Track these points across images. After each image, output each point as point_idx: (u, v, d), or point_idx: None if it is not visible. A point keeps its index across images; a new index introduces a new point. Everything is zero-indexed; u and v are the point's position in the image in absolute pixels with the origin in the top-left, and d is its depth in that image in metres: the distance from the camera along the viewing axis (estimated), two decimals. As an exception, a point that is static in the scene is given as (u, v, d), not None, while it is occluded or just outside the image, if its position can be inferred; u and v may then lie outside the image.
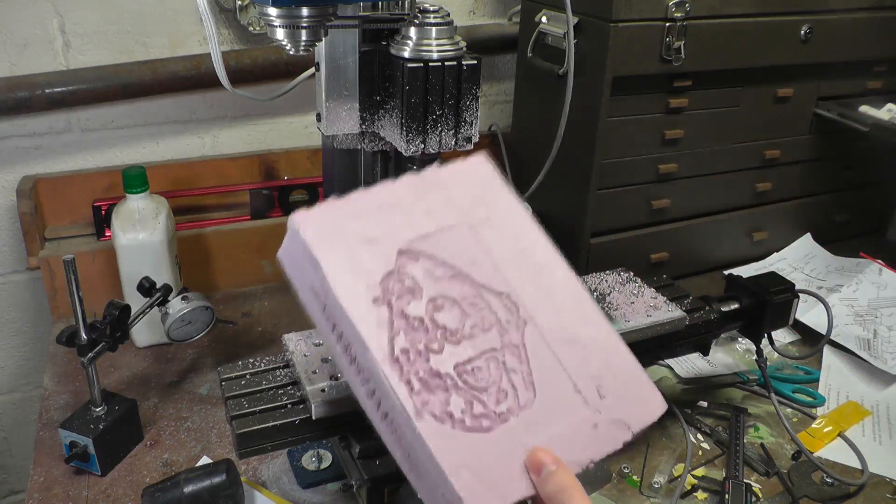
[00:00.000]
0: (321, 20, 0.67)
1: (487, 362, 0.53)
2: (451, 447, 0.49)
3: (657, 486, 0.85)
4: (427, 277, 0.54)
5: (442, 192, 0.58)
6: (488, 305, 0.54)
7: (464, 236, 0.56)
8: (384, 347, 0.50)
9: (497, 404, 0.52)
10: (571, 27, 1.01)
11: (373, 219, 0.55)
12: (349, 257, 0.52)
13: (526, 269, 0.57)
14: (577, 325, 0.56)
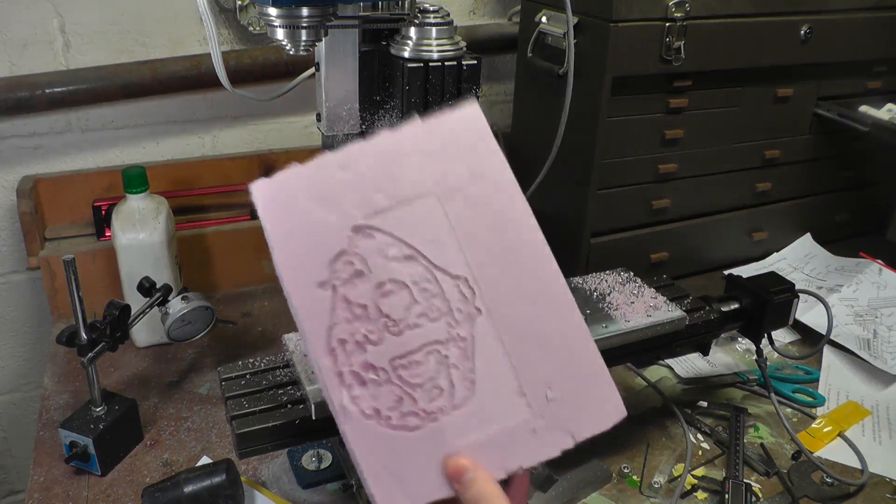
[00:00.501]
0: (321, 20, 0.67)
1: (427, 356, 0.50)
2: (374, 446, 0.48)
3: (657, 486, 0.85)
4: (379, 258, 0.50)
5: (417, 156, 0.53)
6: (441, 291, 0.51)
7: (428, 210, 0.52)
8: (322, 337, 0.49)
9: (429, 402, 0.50)
10: (571, 27, 1.01)
11: (332, 190, 0.51)
12: (300, 234, 0.50)
13: (494, 249, 0.52)
14: (540, 318, 0.52)
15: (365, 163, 0.51)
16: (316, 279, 0.49)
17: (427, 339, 0.50)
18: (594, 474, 0.86)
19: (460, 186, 0.52)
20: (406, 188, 0.52)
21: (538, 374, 0.51)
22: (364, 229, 0.51)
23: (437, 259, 0.51)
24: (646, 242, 1.26)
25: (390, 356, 0.50)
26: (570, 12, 0.98)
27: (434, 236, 0.51)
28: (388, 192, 0.51)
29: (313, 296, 0.49)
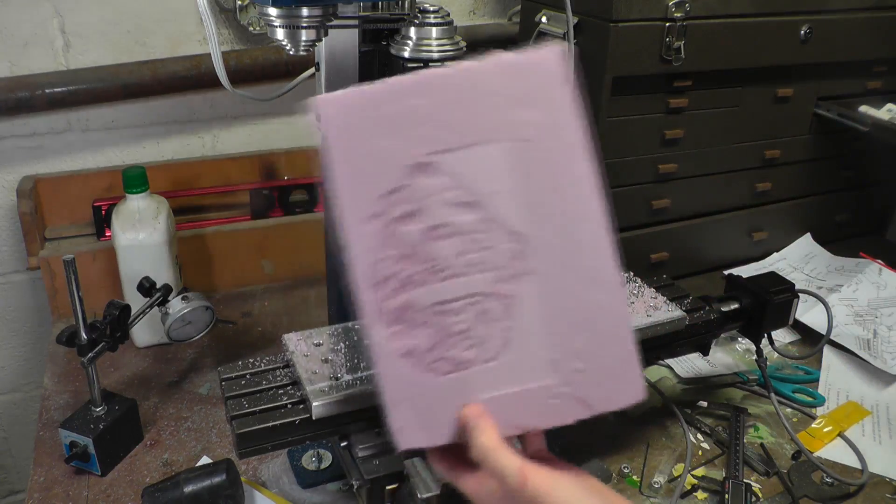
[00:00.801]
0: (321, 20, 0.67)
1: (468, 306, 0.50)
2: (401, 381, 0.49)
3: (657, 485, 0.85)
4: (436, 199, 0.49)
5: (493, 98, 0.49)
6: (494, 244, 0.50)
7: (495, 158, 0.49)
8: (367, 269, 0.48)
9: (462, 351, 0.50)
10: (571, 27, 1.01)
11: (401, 118, 0.48)
12: (361, 160, 0.48)
13: (555, 210, 0.50)
14: (586, 290, 0.51)
15: (440, 94, 0.49)
16: (369, 210, 0.48)
17: (471, 290, 0.50)
18: (594, 474, 0.86)
19: (532, 138, 0.49)
20: (477, 130, 0.49)
21: (572, 344, 0.51)
22: (426, 167, 0.49)
23: (495, 211, 0.49)
24: (646, 242, 1.26)
25: (432, 300, 0.49)
26: (570, 12, 0.98)
27: (497, 187, 0.49)
28: (458, 131, 0.49)
29: (365, 227, 0.48)
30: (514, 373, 0.50)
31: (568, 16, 0.99)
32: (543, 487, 0.47)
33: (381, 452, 0.69)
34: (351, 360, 0.73)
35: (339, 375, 0.71)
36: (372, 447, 0.69)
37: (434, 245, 0.49)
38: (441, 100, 0.49)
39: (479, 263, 0.49)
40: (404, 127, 0.48)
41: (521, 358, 0.50)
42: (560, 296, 0.50)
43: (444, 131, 0.49)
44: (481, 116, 0.49)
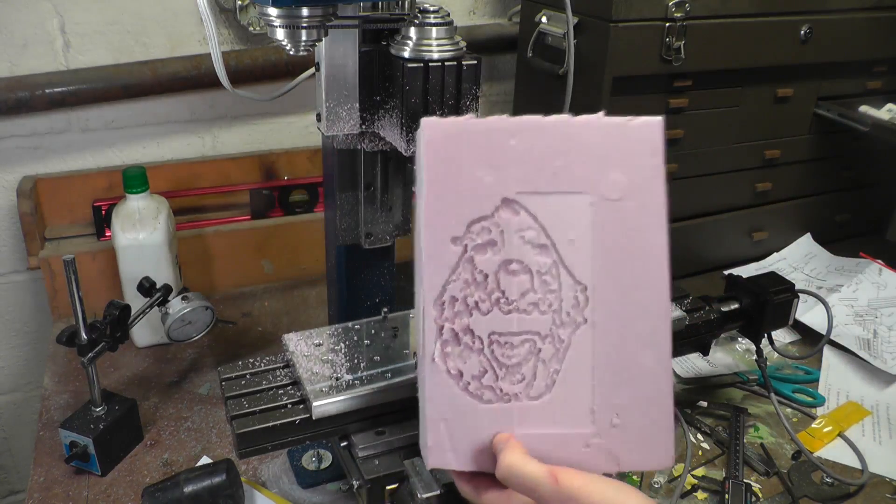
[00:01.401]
0: (321, 20, 0.67)
1: (523, 343, 0.52)
2: (444, 401, 0.51)
3: (657, 486, 0.85)
4: (515, 236, 0.52)
5: (587, 153, 0.52)
6: (559, 289, 0.52)
7: (578, 209, 0.52)
8: (437, 287, 0.51)
9: (509, 384, 0.52)
10: (571, 27, 1.01)
11: (499, 155, 0.51)
12: (454, 185, 0.51)
13: (622, 270, 0.52)
14: (636, 350, 0.53)
15: (538, 140, 0.52)
16: (452, 233, 0.51)
17: (529, 328, 0.52)
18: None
19: (615, 197, 0.52)
20: (566, 180, 0.52)
21: (613, 398, 0.52)
22: (513, 204, 0.51)
23: (568, 258, 0.52)
24: (646, 242, 1.26)
25: (491, 330, 0.51)
26: (570, 12, 0.98)
27: (573, 236, 0.52)
28: (548, 178, 0.52)
29: (444, 247, 0.51)
30: (554, 415, 0.52)
31: (568, 16, 0.99)
32: (577, 483, 0.47)
33: (381, 452, 0.69)
34: (351, 360, 0.73)
35: (339, 375, 0.71)
36: (372, 447, 0.69)
37: (505, 278, 0.52)
38: (539, 145, 0.51)
39: (543, 305, 0.52)
40: (499, 163, 0.51)
41: (563, 402, 0.52)
42: (611, 351, 0.52)
43: (535, 174, 0.51)
44: (574, 168, 0.52)
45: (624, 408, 0.53)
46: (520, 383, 0.52)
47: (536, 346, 0.52)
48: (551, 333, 0.52)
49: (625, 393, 0.53)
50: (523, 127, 0.52)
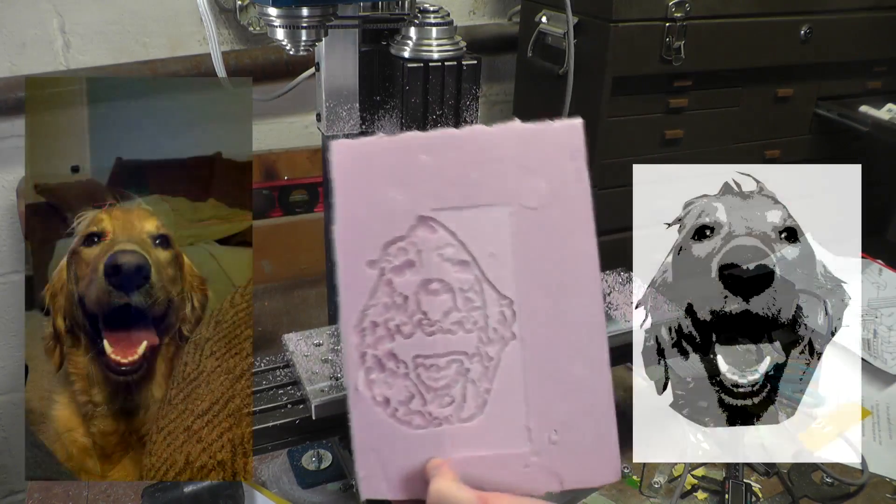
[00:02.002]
0: (321, 20, 0.67)
1: (450, 364, 0.50)
2: (373, 429, 0.49)
3: (657, 486, 0.85)
4: (434, 254, 0.50)
5: (503, 162, 0.50)
6: (484, 306, 0.50)
7: (497, 221, 0.50)
8: (356, 313, 0.49)
9: (439, 407, 0.50)
10: (571, 27, 1.01)
11: (411, 173, 0.50)
12: (366, 207, 0.49)
13: (550, 280, 0.51)
14: (570, 362, 0.51)
15: (450, 154, 0.50)
16: (367, 256, 0.49)
17: (455, 348, 0.50)
18: (594, 474, 0.86)
19: (537, 206, 0.50)
20: (482, 192, 0.50)
21: (549, 415, 0.51)
22: (428, 221, 0.50)
23: (490, 273, 0.50)
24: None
25: (415, 353, 0.50)
26: (570, 12, 0.98)
27: (494, 249, 0.50)
28: (464, 192, 0.50)
29: (360, 271, 0.49)
30: (489, 436, 0.50)
31: (568, 16, 0.99)
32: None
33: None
34: (351, 360, 0.73)
35: (339, 375, 0.71)
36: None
37: (426, 299, 0.50)
38: (452, 159, 0.50)
39: (468, 323, 0.50)
40: (413, 181, 0.49)
41: (496, 422, 0.50)
42: (542, 366, 0.50)
43: (450, 190, 0.50)
44: (489, 180, 0.50)
45: (562, 423, 0.51)
46: (449, 406, 0.50)
47: (464, 365, 0.50)
48: (479, 352, 0.50)
49: (561, 408, 0.51)
50: (435, 142, 0.50)
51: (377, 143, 0.50)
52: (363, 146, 0.50)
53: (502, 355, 0.50)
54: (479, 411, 0.50)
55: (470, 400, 0.50)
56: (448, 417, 0.50)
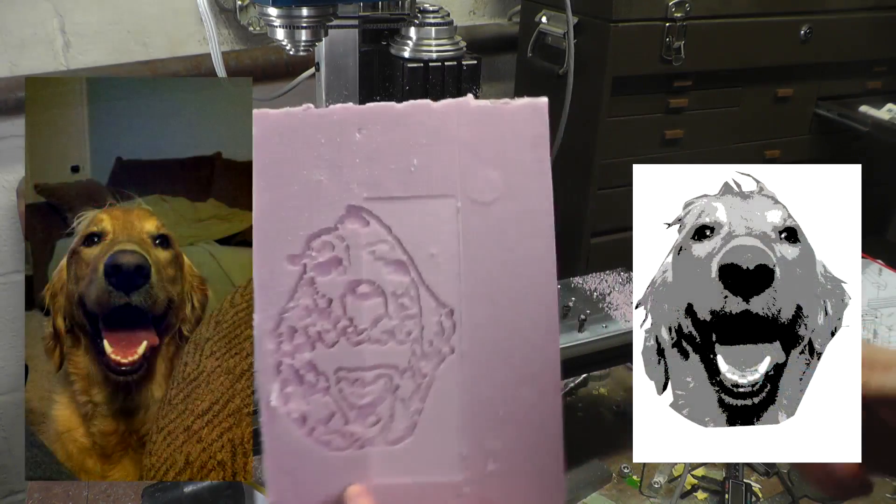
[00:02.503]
0: (321, 20, 0.67)
1: (377, 379, 0.44)
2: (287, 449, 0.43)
3: (657, 486, 0.85)
4: (364, 251, 0.43)
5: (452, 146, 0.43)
6: (420, 314, 0.44)
7: (443, 216, 0.43)
8: (273, 316, 0.42)
9: (362, 428, 0.43)
10: (571, 27, 1.01)
11: (342, 153, 0.43)
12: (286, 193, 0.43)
13: (497, 288, 0.44)
14: (516, 384, 0.44)
15: (391, 133, 0.43)
16: (288, 250, 0.43)
17: (384, 361, 0.43)
18: (594, 474, 0.86)
19: (488, 200, 0.43)
20: (425, 181, 0.43)
21: (487, 441, 0.44)
22: (360, 212, 0.43)
23: (429, 277, 0.43)
24: (646, 242, 1.26)
25: (338, 365, 0.43)
26: (570, 12, 0.98)
27: (436, 249, 0.43)
28: (403, 179, 0.43)
29: (278, 268, 0.42)
30: (418, 462, 0.44)
31: (568, 16, 0.99)
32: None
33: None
34: (351, 360, 0.73)
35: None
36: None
37: (353, 303, 0.43)
38: (392, 139, 0.43)
39: (400, 333, 0.43)
40: (344, 163, 0.43)
41: (428, 447, 0.44)
42: (484, 387, 0.44)
43: (387, 175, 0.43)
44: (435, 166, 0.43)
45: (501, 452, 0.44)
46: (375, 426, 0.43)
47: (393, 381, 0.44)
48: (411, 367, 0.44)
49: (501, 435, 0.44)
50: (372, 117, 0.43)
51: (304, 116, 0.44)
52: (287, 118, 0.44)
53: (438, 372, 0.44)
54: (407, 433, 0.44)
55: (398, 420, 0.44)
56: (372, 439, 0.44)
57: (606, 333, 0.80)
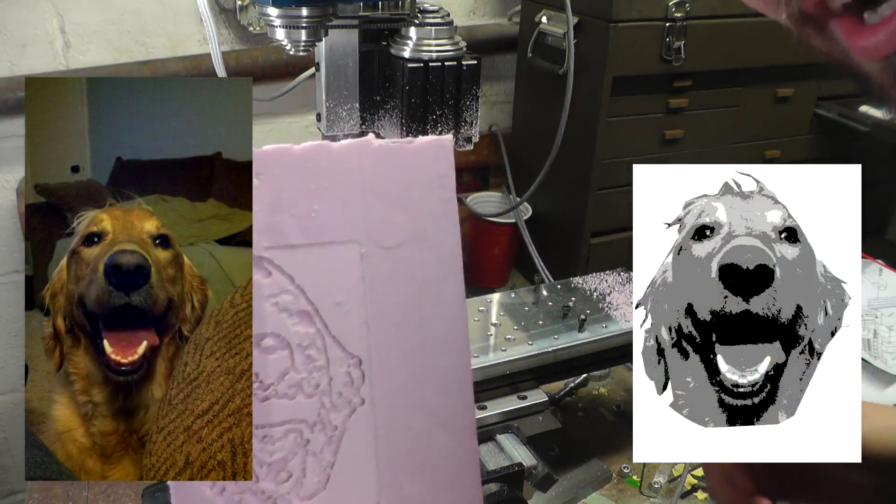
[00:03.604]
0: (321, 20, 0.67)
1: (287, 434, 0.43)
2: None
3: (657, 486, 0.85)
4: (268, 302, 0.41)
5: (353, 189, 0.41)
6: (327, 365, 0.42)
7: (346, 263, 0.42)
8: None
9: (274, 484, 0.42)
10: (571, 27, 1.01)
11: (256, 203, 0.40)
12: None
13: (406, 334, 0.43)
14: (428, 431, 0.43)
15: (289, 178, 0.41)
16: None
17: (293, 416, 0.42)
18: (594, 474, 0.86)
19: (393, 245, 0.42)
20: (327, 227, 0.41)
21: (403, 489, 0.44)
22: (262, 262, 0.41)
23: (336, 327, 0.42)
24: (646, 242, 1.26)
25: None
26: (570, 12, 0.98)
27: (341, 298, 0.42)
28: (304, 226, 0.41)
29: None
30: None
31: (568, 16, 0.99)
32: None
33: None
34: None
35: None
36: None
37: (259, 357, 0.42)
38: (290, 184, 0.41)
39: (308, 386, 0.42)
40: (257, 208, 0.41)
41: (343, 499, 0.43)
42: (396, 436, 0.43)
43: (287, 223, 0.41)
44: (336, 211, 0.41)
45: (418, 499, 0.44)
46: (286, 482, 0.42)
47: (304, 436, 0.42)
48: (321, 419, 0.42)
49: (419, 483, 0.44)
50: (268, 161, 0.40)
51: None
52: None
53: (349, 423, 0.43)
54: (321, 488, 0.43)
55: (311, 475, 0.43)
56: (285, 496, 0.42)
57: (606, 333, 0.80)
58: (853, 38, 0.28)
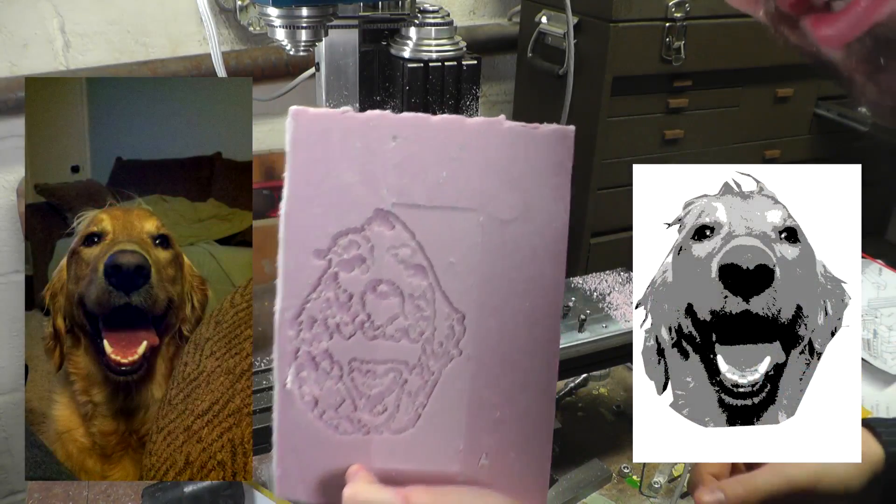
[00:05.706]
0: (321, 20, 0.67)
1: (388, 372, 0.46)
2: (296, 430, 0.46)
3: (657, 486, 0.85)
4: (388, 253, 0.45)
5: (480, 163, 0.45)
6: (433, 316, 0.46)
7: (464, 228, 0.46)
8: (294, 305, 0.46)
9: (370, 415, 0.46)
10: (571, 27, 1.01)
11: (375, 158, 0.44)
12: (321, 190, 0.45)
13: (508, 301, 0.47)
14: (514, 390, 0.47)
15: (424, 144, 0.45)
16: (316, 245, 0.46)
17: (396, 356, 0.46)
18: (594, 474, 0.86)
19: (508, 218, 0.46)
20: (452, 194, 0.45)
21: (483, 439, 0.47)
22: (388, 216, 0.45)
23: (446, 283, 0.46)
24: (646, 242, 1.26)
25: (352, 356, 0.46)
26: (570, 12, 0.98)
27: (455, 258, 0.46)
28: (431, 190, 0.45)
29: (305, 261, 0.46)
30: (418, 451, 0.47)
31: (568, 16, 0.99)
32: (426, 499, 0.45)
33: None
34: (351, 360, 0.73)
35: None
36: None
37: (372, 300, 0.46)
38: (424, 150, 0.45)
39: (413, 332, 0.46)
40: (376, 168, 0.45)
41: (428, 438, 0.47)
42: (486, 388, 0.47)
43: (416, 184, 0.45)
44: (462, 180, 0.45)
45: (494, 449, 0.47)
46: (381, 415, 0.47)
47: (402, 376, 0.46)
48: (420, 364, 0.46)
49: (497, 434, 0.47)
50: (407, 126, 0.44)
51: (342, 118, 0.45)
52: (325, 118, 0.45)
53: (444, 371, 0.47)
54: (410, 425, 0.47)
55: (403, 412, 0.47)
56: (378, 427, 0.47)
57: (606, 333, 0.80)
58: (818, 29, 0.28)
